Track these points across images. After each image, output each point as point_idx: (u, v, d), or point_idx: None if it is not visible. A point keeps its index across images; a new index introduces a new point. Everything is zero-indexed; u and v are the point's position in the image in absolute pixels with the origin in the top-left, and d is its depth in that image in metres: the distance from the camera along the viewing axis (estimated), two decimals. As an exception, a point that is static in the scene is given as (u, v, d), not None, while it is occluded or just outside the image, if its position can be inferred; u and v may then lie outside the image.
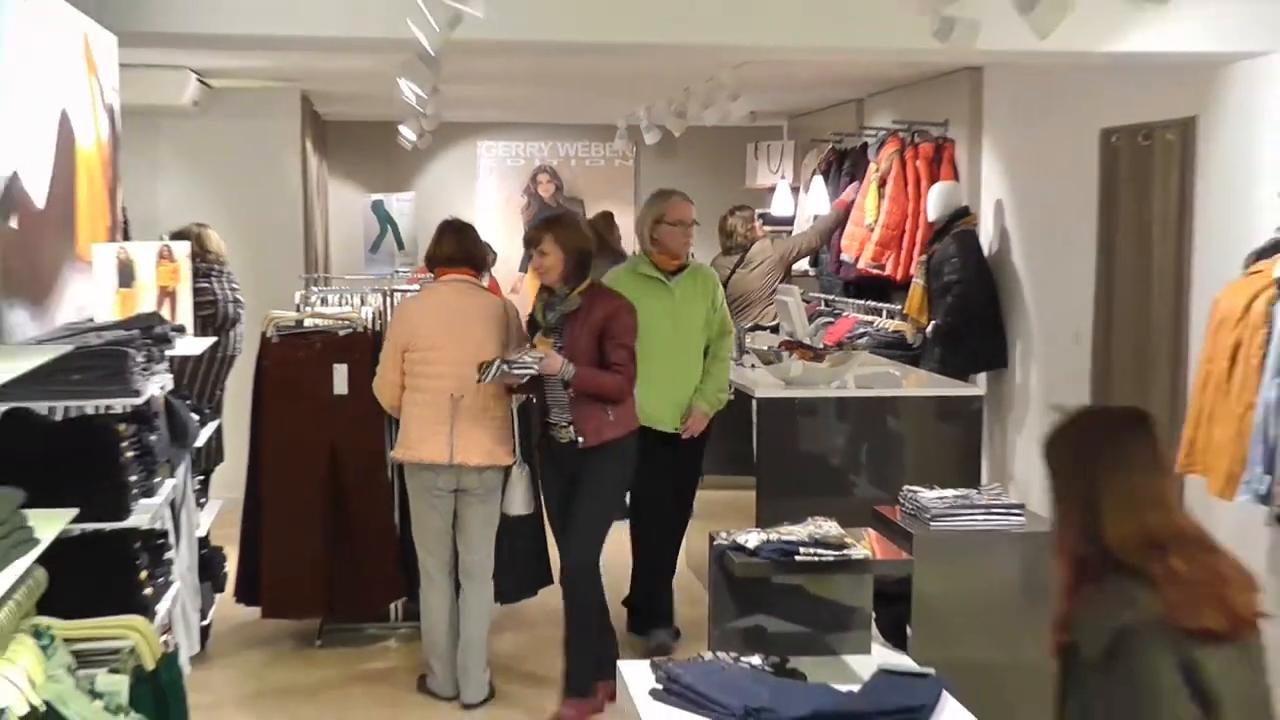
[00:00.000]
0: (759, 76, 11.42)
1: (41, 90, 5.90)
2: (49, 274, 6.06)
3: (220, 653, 8.16)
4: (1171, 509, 3.88)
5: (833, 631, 6.15)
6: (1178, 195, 8.94)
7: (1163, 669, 3.57)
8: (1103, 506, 3.78)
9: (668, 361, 7.79)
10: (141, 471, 5.68)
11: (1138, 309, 9.45)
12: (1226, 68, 8.38)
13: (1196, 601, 3.62)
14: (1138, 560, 3.65)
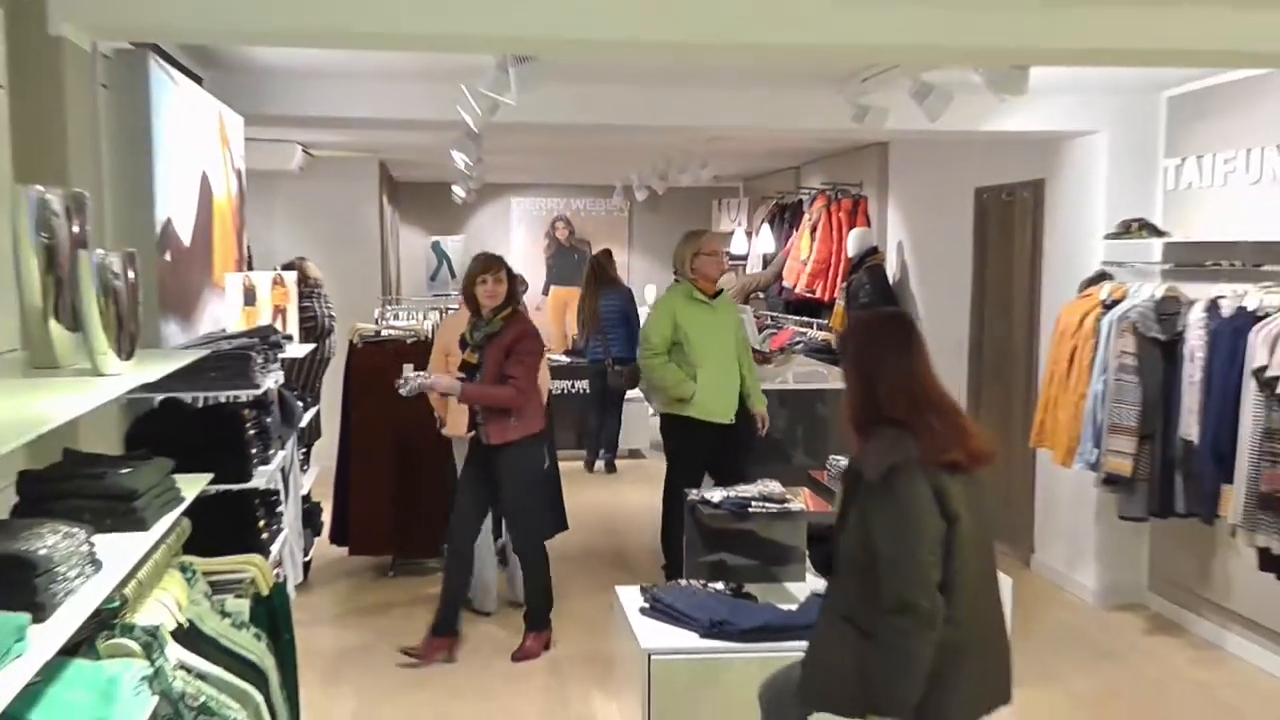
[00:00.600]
0: (722, 149, 11.48)
1: (188, 157, 5.93)
2: (193, 296, 6.09)
3: (318, 581, 8.20)
4: (926, 383, 4.15)
5: (776, 565, 6.22)
6: (1031, 238, 8.97)
7: (920, 492, 3.88)
8: (879, 381, 4.08)
9: (718, 366, 7.59)
10: (259, 445, 5.69)
11: (1002, 323, 9.48)
12: (1066, 142, 8.41)
13: (945, 445, 3.95)
14: (904, 417, 3.97)
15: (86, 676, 2.74)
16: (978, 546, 4.05)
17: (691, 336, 7.51)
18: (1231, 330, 6.50)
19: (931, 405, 4.10)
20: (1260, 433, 6.14)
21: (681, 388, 7.49)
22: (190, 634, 3.46)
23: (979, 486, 4.08)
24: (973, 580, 4.01)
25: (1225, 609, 7.35)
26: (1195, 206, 7.61)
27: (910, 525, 3.91)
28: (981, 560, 4.10)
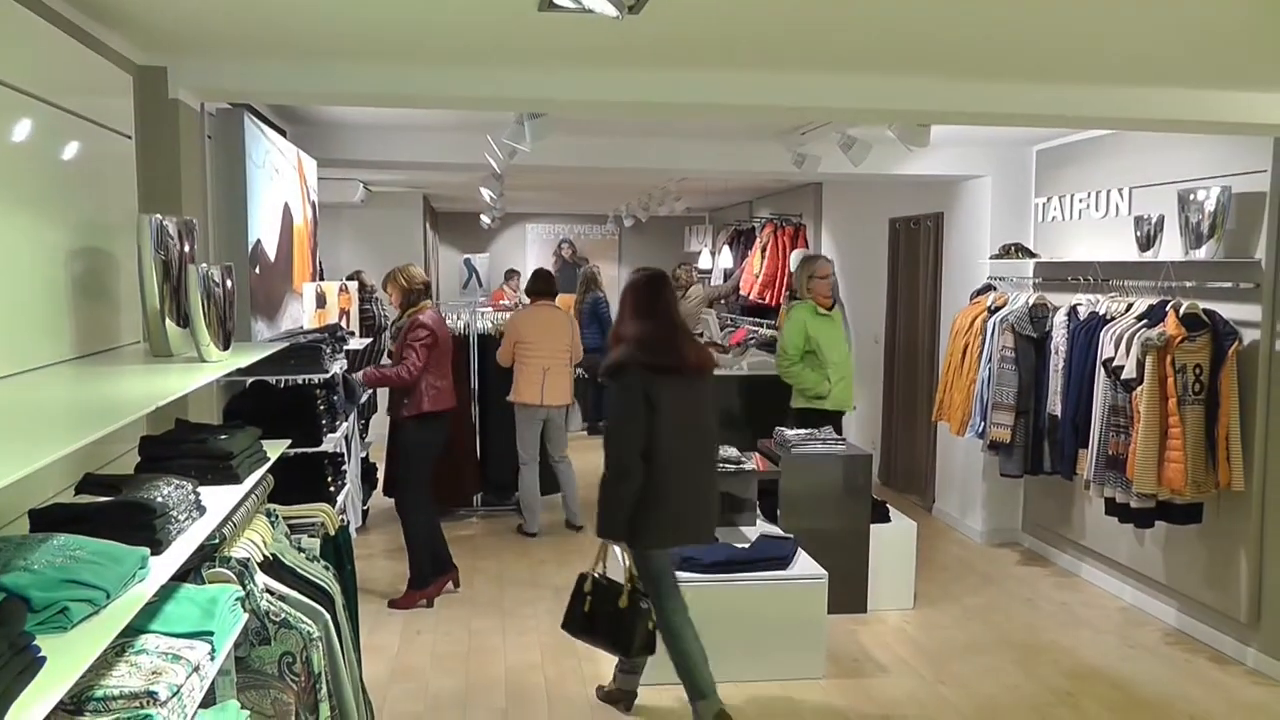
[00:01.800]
0: (691, 187, 11.53)
1: (274, 192, 5.92)
2: (277, 300, 6.07)
3: (374, 525, 8.18)
4: (659, 317, 4.78)
5: (733, 512, 6.23)
6: (933, 258, 9.00)
7: (632, 385, 4.57)
8: (629, 313, 4.81)
9: (843, 364, 7.30)
10: (328, 418, 5.70)
11: (911, 324, 9.50)
12: (960, 183, 8.44)
13: (658, 355, 4.64)
14: (635, 336, 4.70)
15: (193, 597, 2.77)
16: (684, 429, 4.66)
17: (821, 344, 7.21)
18: (1086, 330, 6.52)
19: (656, 330, 4.73)
20: (1107, 409, 6.17)
21: (820, 387, 7.21)
22: (274, 565, 3.48)
23: (695, 389, 4.77)
24: (677, 452, 4.62)
25: (1080, 545, 7.40)
26: (1058, 235, 7.65)
27: (623, 407, 4.64)
28: (688, 439, 4.69)
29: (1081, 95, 4.66)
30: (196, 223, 3.42)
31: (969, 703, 5.30)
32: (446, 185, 12.77)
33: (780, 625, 5.47)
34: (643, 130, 7.36)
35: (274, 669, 3.18)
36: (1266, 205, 5.70)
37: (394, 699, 5.17)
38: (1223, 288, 5.89)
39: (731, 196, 14.44)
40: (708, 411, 4.87)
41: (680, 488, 4.65)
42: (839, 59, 4.27)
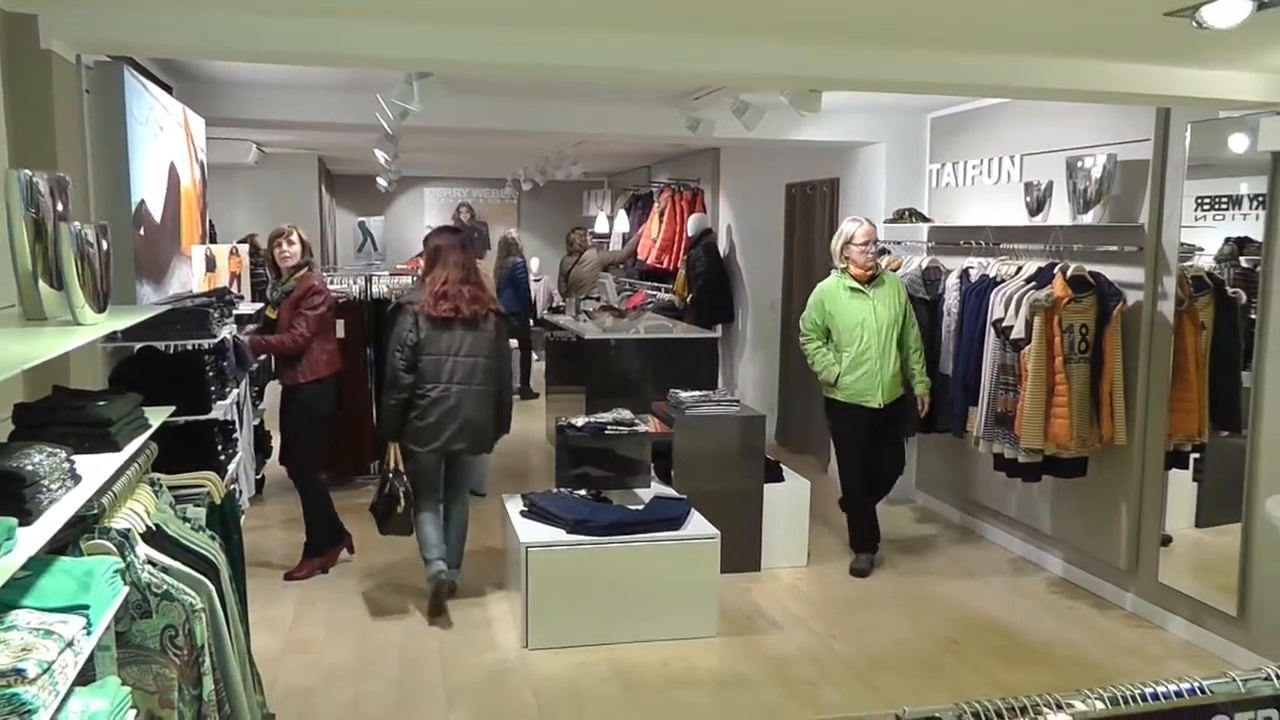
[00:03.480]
0: (589, 151, 11.41)
1: (159, 149, 5.73)
2: (164, 263, 5.90)
3: (270, 495, 8.00)
4: (452, 270, 5.72)
5: (628, 474, 6.20)
6: (829, 223, 8.98)
7: (403, 322, 5.65)
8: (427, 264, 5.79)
9: (871, 351, 6.32)
10: (217, 384, 5.56)
11: (807, 288, 9.43)
12: (856, 149, 8.48)
13: (434, 304, 5.61)
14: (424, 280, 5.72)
15: (69, 570, 2.65)
16: (449, 362, 5.64)
17: (838, 321, 6.39)
18: (977, 292, 6.62)
19: (434, 282, 5.71)
20: (996, 368, 6.28)
21: (827, 371, 6.41)
22: (157, 536, 3.36)
23: (464, 331, 5.67)
24: (441, 379, 5.63)
25: (973, 501, 7.56)
26: (952, 200, 7.74)
27: (393, 336, 5.70)
28: (454, 371, 5.64)
29: (974, 64, 4.67)
30: (70, 180, 3.26)
31: (860, 655, 5.38)
32: (341, 147, 12.51)
33: (674, 585, 5.48)
34: (537, 92, 7.25)
35: (156, 643, 3.07)
36: (1149, 172, 5.85)
37: (288, 671, 5.05)
38: (1108, 251, 6.04)
39: (630, 161, 14.38)
40: (480, 350, 5.72)
41: (441, 407, 5.66)
42: (732, 24, 4.23)
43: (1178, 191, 5.71)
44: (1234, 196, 5.48)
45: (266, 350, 6.45)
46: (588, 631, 5.37)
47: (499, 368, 5.84)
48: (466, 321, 5.69)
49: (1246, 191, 5.33)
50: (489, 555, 6.67)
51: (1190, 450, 5.89)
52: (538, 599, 5.34)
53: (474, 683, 4.97)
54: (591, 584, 5.36)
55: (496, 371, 5.82)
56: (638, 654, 5.26)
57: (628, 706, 4.75)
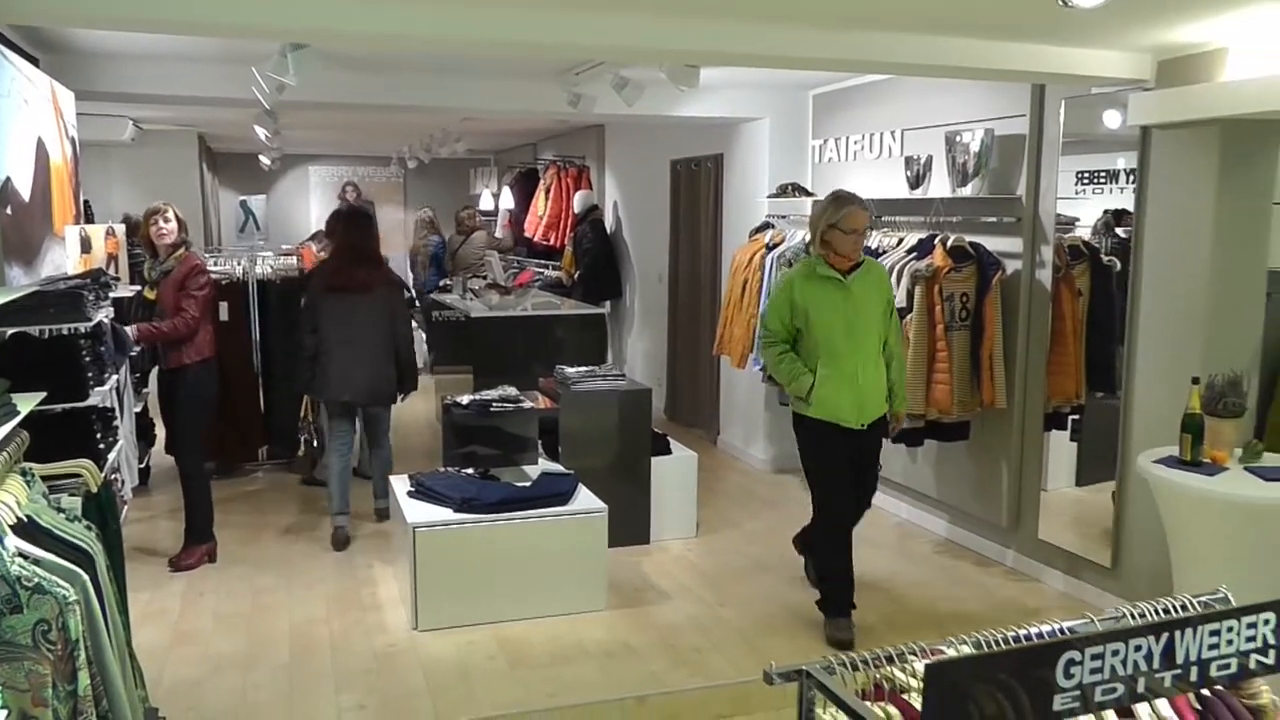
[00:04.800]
0: (473, 128, 11.27)
1: (24, 124, 5.50)
2: (35, 244, 5.66)
3: (157, 485, 7.74)
4: (342, 249, 6.57)
5: (515, 452, 6.18)
6: (713, 197, 9.08)
7: (313, 286, 6.51)
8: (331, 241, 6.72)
9: (849, 357, 5.00)
10: (95, 370, 5.37)
11: (693, 261, 9.58)
12: (739, 125, 8.51)
13: (331, 276, 6.40)
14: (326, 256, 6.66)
15: (-71, 564, 2.55)
16: (347, 326, 6.33)
17: (812, 320, 5.02)
18: (858, 264, 6.71)
19: (333, 255, 6.63)
20: (878, 340, 6.37)
21: (796, 383, 5.07)
22: (29, 527, 3.25)
23: (360, 299, 6.37)
24: (339, 341, 6.32)
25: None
26: (834, 174, 7.81)
27: (304, 302, 6.53)
28: (351, 333, 6.33)
29: (853, 41, 4.71)
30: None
31: (748, 621, 5.44)
32: (221, 123, 12.17)
33: (562, 561, 5.47)
34: (418, 68, 7.12)
35: (28, 639, 2.97)
36: (1025, 146, 6.01)
37: (174, 665, 4.91)
38: (987, 222, 6.21)
39: (515, 138, 14.27)
40: (373, 315, 6.42)
41: (340, 363, 6.39)
42: (611, -3, 4.20)
43: (1053, 165, 5.87)
44: (1111, 171, 5.66)
45: (157, 338, 6.13)
46: (477, 610, 5.33)
47: (392, 330, 6.52)
48: (361, 290, 6.41)
49: (1123, 166, 5.49)
50: (378, 538, 6.60)
51: (1069, 412, 6.09)
52: (426, 580, 5.28)
53: (363, 667, 4.90)
54: (480, 563, 5.32)
55: (389, 333, 6.49)
56: (527, 630, 5.25)
57: (515, 683, 4.72)
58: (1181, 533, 4.35)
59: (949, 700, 1.53)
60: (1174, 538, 4.40)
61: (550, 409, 6.47)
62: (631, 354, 11.35)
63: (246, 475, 8.08)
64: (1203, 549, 4.24)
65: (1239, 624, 1.76)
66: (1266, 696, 2.01)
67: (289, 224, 16.10)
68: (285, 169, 16.88)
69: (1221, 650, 1.75)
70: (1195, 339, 5.00)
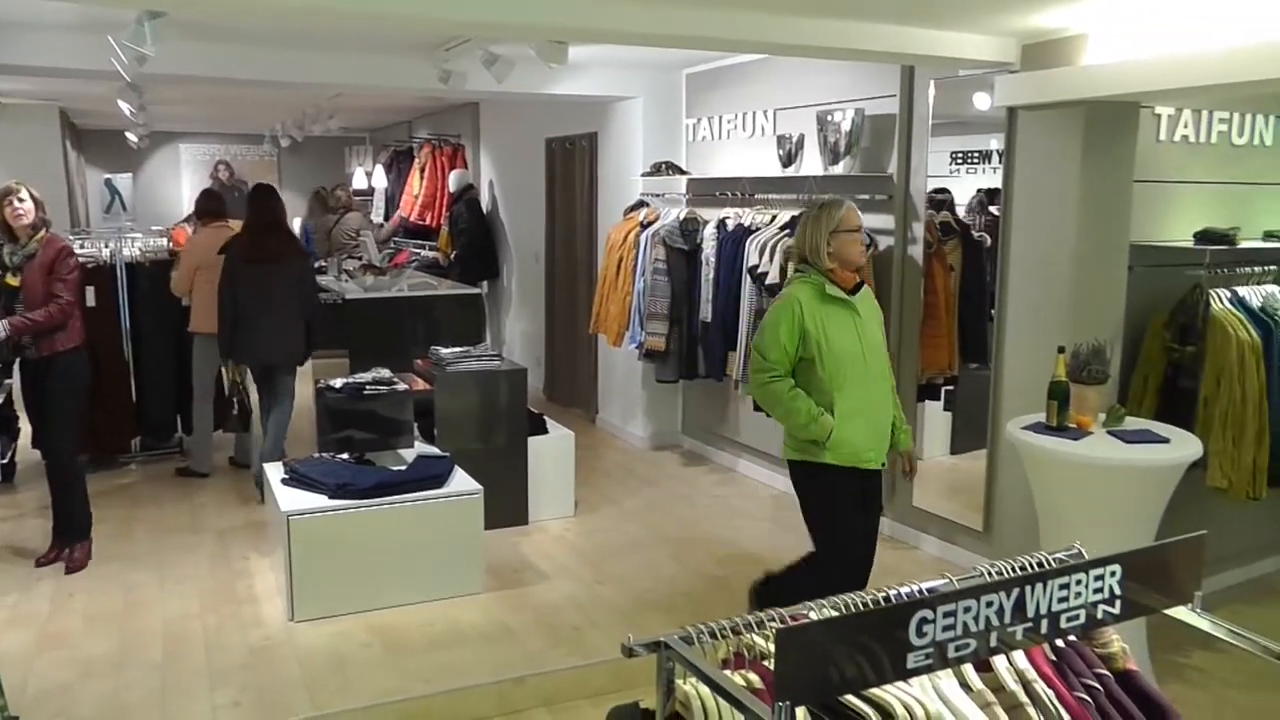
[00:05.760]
0: (346, 105, 11.04)
1: None
2: None
3: (23, 480, 7.40)
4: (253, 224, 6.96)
5: (390, 435, 6.05)
6: (588, 177, 9.05)
7: (231, 256, 6.81)
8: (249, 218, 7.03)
9: (867, 389, 4.29)
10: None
11: (569, 240, 9.55)
12: (613, 104, 8.48)
13: (244, 248, 6.77)
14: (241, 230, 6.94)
15: None
16: (260, 294, 6.68)
17: (827, 348, 4.21)
18: (734, 240, 6.78)
19: (246, 229, 6.96)
20: (753, 312, 6.46)
21: (815, 425, 4.19)
22: None
23: (272, 269, 6.73)
24: (254, 307, 6.68)
25: (735, 442, 7.77)
26: (708, 153, 7.88)
27: (222, 276, 6.76)
28: (274, 294, 6.70)
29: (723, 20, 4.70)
30: None
31: (626, 598, 5.45)
32: (84, 97, 11.67)
33: (439, 545, 5.40)
34: (286, 41, 6.91)
35: None
36: (896, 125, 6.13)
37: (41, 670, 4.69)
38: (860, 199, 6.25)
39: (390, 116, 14.06)
40: (283, 284, 6.79)
41: (255, 328, 6.76)
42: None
43: (924, 144, 6.00)
44: (984, 152, 5.81)
45: (32, 329, 5.70)
46: (354, 598, 5.22)
47: (302, 297, 6.94)
48: (275, 259, 6.81)
49: (996, 147, 5.61)
50: (254, 528, 6.44)
51: (943, 383, 6.24)
52: (301, 569, 5.15)
53: (239, 662, 4.75)
54: (356, 550, 5.21)
55: (300, 299, 6.92)
56: (404, 617, 5.17)
57: (393, 670, 4.65)
58: (1048, 495, 4.47)
59: (804, 664, 1.53)
60: (1041, 500, 4.52)
61: (425, 391, 6.37)
62: (510, 334, 11.29)
63: (119, 468, 7.78)
64: (1067, 510, 4.36)
65: (1087, 577, 1.81)
66: (1117, 645, 2.07)
67: (159, 204, 15.58)
68: (154, 147, 16.33)
69: (1071, 603, 1.80)
70: (1061, 310, 5.14)
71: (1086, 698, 1.93)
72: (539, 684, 4.52)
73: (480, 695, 4.43)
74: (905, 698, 1.74)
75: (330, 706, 4.33)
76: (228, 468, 7.74)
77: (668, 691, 1.81)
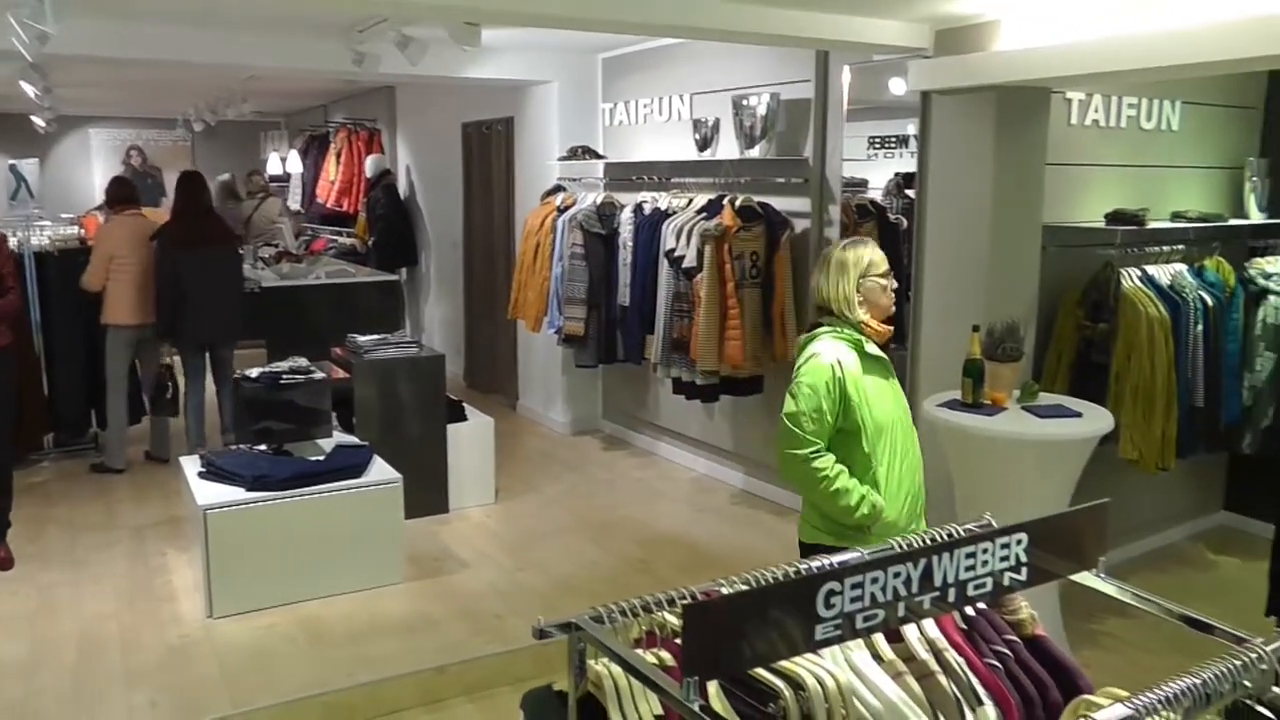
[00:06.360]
0: (259, 88, 10.76)
1: None
2: None
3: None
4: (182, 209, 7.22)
5: (310, 425, 5.96)
6: (505, 162, 9.00)
7: (162, 243, 7.08)
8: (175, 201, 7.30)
9: (907, 460, 3.59)
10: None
11: (486, 225, 9.50)
12: (529, 88, 8.42)
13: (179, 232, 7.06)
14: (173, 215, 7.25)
15: None
16: (196, 273, 6.98)
17: (871, 417, 3.47)
18: (651, 225, 6.78)
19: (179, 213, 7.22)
20: (671, 296, 6.47)
21: (867, 510, 3.41)
22: None
23: (208, 252, 7.12)
24: (189, 285, 6.96)
25: (655, 425, 7.81)
26: (625, 137, 7.87)
27: (157, 257, 7.02)
28: (209, 275, 7.03)
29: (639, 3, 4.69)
30: None
31: (547, 583, 5.45)
32: (-15, 80, 11.34)
33: (359, 535, 5.34)
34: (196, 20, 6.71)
35: None
36: (811, 110, 6.19)
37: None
38: (776, 183, 6.37)
39: (305, 100, 13.85)
40: (219, 263, 7.19)
41: (198, 309, 7.04)
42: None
43: (839, 128, 6.05)
44: (902, 136, 5.87)
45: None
46: (274, 592, 5.15)
47: (237, 277, 7.42)
48: (207, 242, 7.17)
49: (913, 132, 5.65)
50: (172, 524, 6.29)
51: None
52: (220, 564, 5.06)
53: (156, 662, 4.66)
54: (275, 542, 5.13)
55: (233, 279, 7.36)
56: (325, 609, 5.11)
57: (315, 663, 4.59)
58: (964, 470, 4.54)
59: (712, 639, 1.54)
60: (957, 475, 4.58)
61: (343, 380, 6.29)
62: (429, 321, 11.20)
63: (31, 465, 7.54)
64: (983, 484, 4.43)
65: (994, 545, 1.83)
66: (1026, 612, 2.10)
67: (69, 190, 15.11)
68: (63, 131, 15.79)
69: (978, 571, 1.82)
70: (976, 290, 5.19)
71: (997, 664, 1.96)
72: (461, 673, 4.50)
73: (402, 686, 4.40)
74: (816, 669, 1.75)
75: (250, 703, 4.26)
76: (143, 463, 7.56)
77: (580, 672, 1.80)
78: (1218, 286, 5.46)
